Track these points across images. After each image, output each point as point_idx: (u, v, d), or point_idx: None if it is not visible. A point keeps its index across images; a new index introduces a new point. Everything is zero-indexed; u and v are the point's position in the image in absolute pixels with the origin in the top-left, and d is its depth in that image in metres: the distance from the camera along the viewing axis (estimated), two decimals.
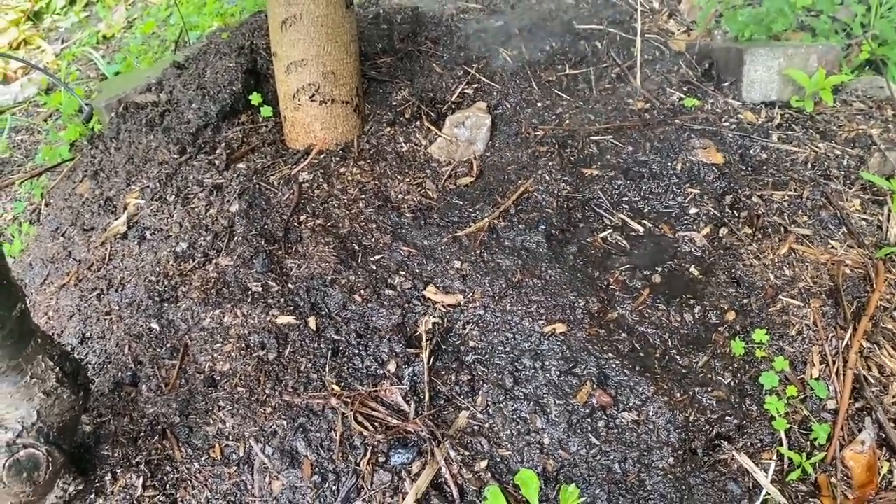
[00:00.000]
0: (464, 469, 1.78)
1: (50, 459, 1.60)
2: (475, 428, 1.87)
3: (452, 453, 1.80)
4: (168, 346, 2.08)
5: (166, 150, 2.67)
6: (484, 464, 1.80)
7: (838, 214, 2.37)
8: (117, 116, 3.01)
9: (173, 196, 2.48)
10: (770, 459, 1.86)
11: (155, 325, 2.12)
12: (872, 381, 1.99)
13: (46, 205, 3.19)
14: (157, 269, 2.26)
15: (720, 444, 1.87)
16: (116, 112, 3.03)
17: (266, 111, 2.78)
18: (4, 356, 1.49)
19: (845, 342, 2.05)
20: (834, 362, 2.02)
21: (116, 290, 2.28)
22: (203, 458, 1.85)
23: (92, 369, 2.11)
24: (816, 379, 1.98)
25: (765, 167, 2.53)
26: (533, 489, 1.69)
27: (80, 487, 1.83)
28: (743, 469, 1.83)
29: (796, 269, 2.24)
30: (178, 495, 1.81)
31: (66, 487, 1.80)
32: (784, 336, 2.07)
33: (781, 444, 1.87)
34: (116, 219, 2.56)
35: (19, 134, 4.31)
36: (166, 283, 2.20)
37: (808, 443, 1.90)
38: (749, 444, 1.88)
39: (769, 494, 1.79)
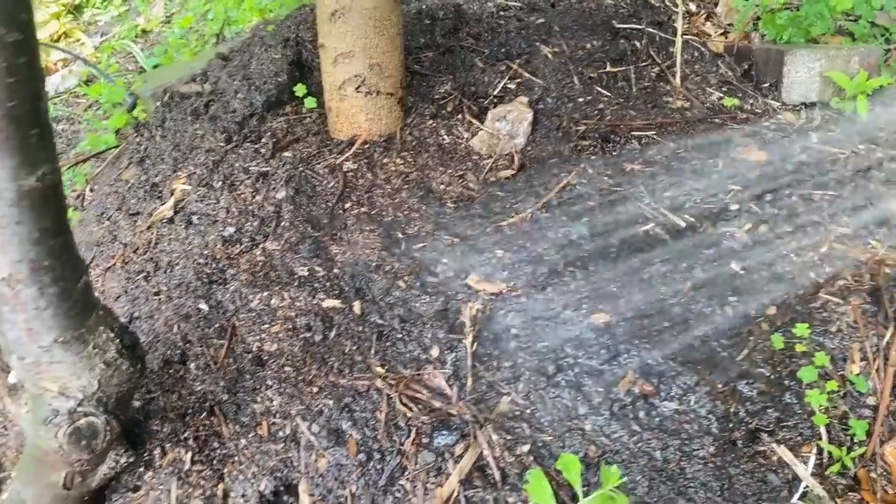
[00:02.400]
0: (506, 452, 1.81)
1: (108, 428, 1.64)
2: (517, 413, 1.90)
3: (495, 437, 1.83)
4: (216, 326, 2.12)
5: (213, 138, 2.73)
6: (526, 448, 1.82)
7: (878, 214, 2.38)
8: (163, 105, 3.07)
9: (220, 182, 2.53)
10: (810, 453, 1.87)
11: (203, 306, 2.17)
12: None
13: (91, 191, 3.25)
14: (205, 252, 2.31)
15: (760, 435, 1.88)
16: (162, 101, 3.09)
17: (310, 102, 2.83)
18: (69, 326, 1.54)
19: (886, 339, 2.06)
20: (875, 359, 2.03)
21: (164, 272, 2.33)
22: (250, 435, 1.89)
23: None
24: (857, 374, 1.99)
25: (805, 167, 2.54)
26: (575, 472, 1.71)
27: (131, 460, 1.88)
28: (783, 461, 1.84)
29: (837, 267, 2.25)
30: (224, 470, 1.85)
31: (118, 459, 1.85)
32: (824, 332, 2.08)
33: (821, 438, 1.88)
34: (163, 204, 2.62)
35: (60, 123, 4.40)
36: (214, 265, 2.25)
37: (848, 437, 1.91)
38: (789, 436, 1.89)
39: (809, 487, 1.81)
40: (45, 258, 1.42)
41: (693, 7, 3.69)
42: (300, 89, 2.84)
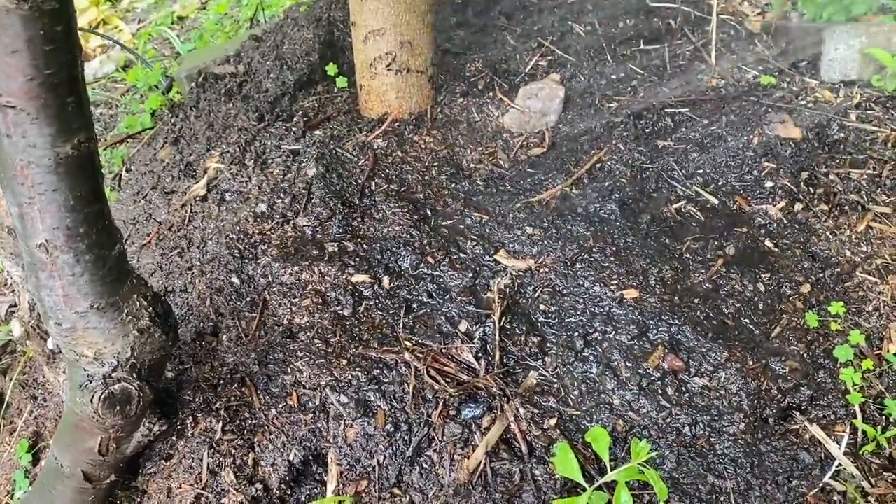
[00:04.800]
0: (532, 426, 1.81)
1: (141, 395, 1.67)
2: (544, 387, 1.90)
3: (522, 410, 1.83)
4: (248, 299, 2.15)
5: (245, 118, 2.76)
6: (553, 421, 1.82)
7: None
8: (197, 86, 3.10)
9: (252, 161, 2.55)
10: (843, 432, 1.84)
11: (235, 280, 2.20)
12: None
13: (127, 170, 3.31)
14: (237, 228, 2.33)
15: (792, 413, 1.86)
16: (196, 82, 3.12)
17: (341, 81, 2.84)
18: (104, 293, 1.57)
19: None
20: None
21: (198, 248, 2.37)
22: (280, 406, 1.91)
23: None
24: (894, 354, 1.95)
25: (842, 145, 2.49)
26: (604, 445, 1.70)
27: (164, 428, 1.91)
28: (815, 439, 1.82)
29: (874, 246, 2.20)
30: (255, 440, 1.88)
31: (151, 427, 1.89)
32: (860, 311, 2.05)
33: (855, 417, 1.85)
34: (196, 182, 2.66)
35: (98, 108, 4.47)
36: (246, 241, 2.28)
37: (883, 417, 1.88)
38: (822, 415, 1.86)
39: (842, 465, 1.78)
40: (80, 225, 1.45)
41: None
42: (331, 68, 2.85)
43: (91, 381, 1.62)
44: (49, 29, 1.25)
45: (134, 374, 1.67)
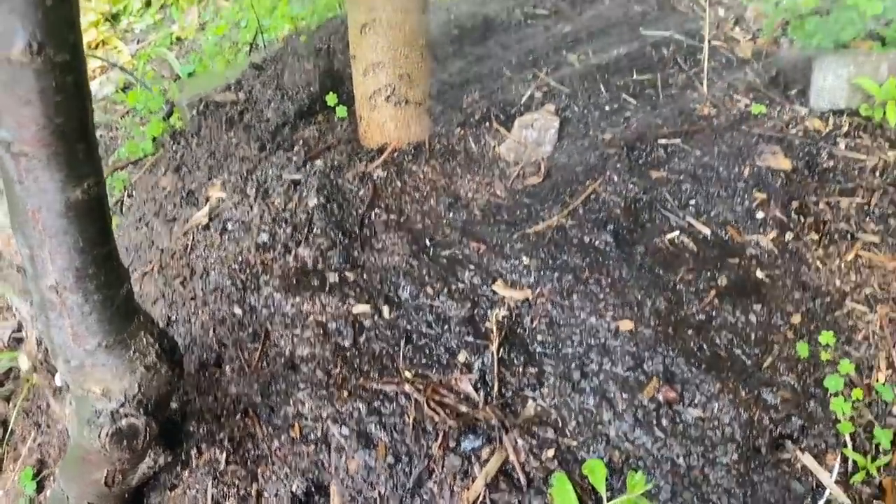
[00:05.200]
0: (531, 457, 1.85)
1: (147, 429, 1.71)
2: (542, 418, 1.94)
3: (520, 441, 1.87)
4: (250, 330, 2.19)
5: (247, 147, 2.80)
6: (551, 452, 1.86)
7: None
8: (198, 114, 3.15)
9: (254, 190, 2.60)
10: (834, 461, 1.88)
11: (238, 311, 2.24)
12: None
13: (129, 196, 3.35)
14: (239, 258, 2.37)
15: (784, 443, 1.90)
16: (197, 110, 3.17)
17: (341, 111, 2.90)
18: (112, 331, 1.60)
19: None
20: None
21: (200, 277, 2.41)
22: (283, 437, 1.95)
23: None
24: (883, 383, 2.00)
25: (832, 174, 2.55)
26: (600, 477, 1.75)
27: (169, 459, 1.95)
28: (807, 469, 1.86)
29: (863, 275, 2.25)
30: (258, 470, 1.92)
31: (156, 459, 1.92)
32: (850, 340, 2.09)
33: (846, 446, 1.89)
34: (198, 210, 2.70)
35: (98, 130, 4.49)
36: (248, 271, 2.32)
37: (873, 446, 1.92)
38: (813, 444, 1.90)
39: (833, 495, 1.82)
40: (89, 266, 1.49)
41: (722, 13, 3.69)
42: (331, 98, 2.90)
43: (99, 417, 1.65)
44: (61, 80, 1.29)
45: (141, 410, 1.70)
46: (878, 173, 2.55)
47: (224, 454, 1.95)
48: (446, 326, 2.12)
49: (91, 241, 1.48)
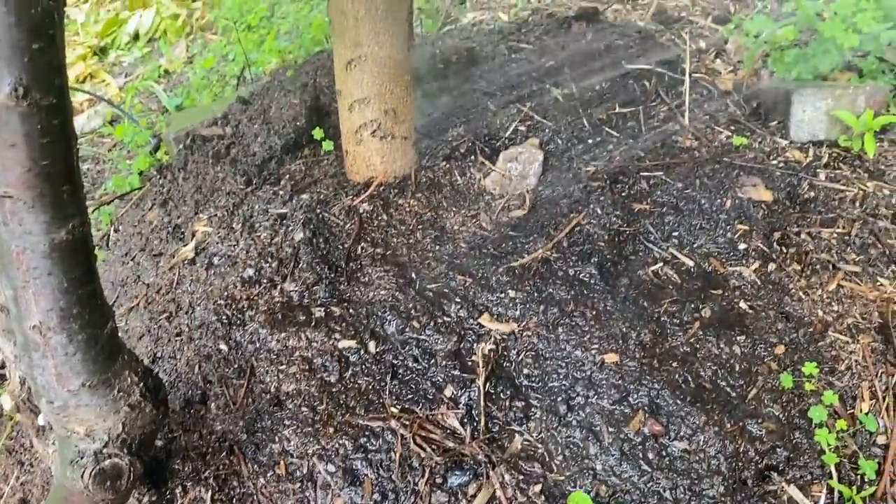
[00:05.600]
0: (518, 492, 1.84)
1: (132, 469, 1.70)
2: (529, 453, 1.94)
3: (507, 476, 1.87)
4: (236, 366, 2.18)
5: (233, 181, 2.82)
6: (538, 487, 1.86)
7: (887, 252, 2.41)
8: (185, 148, 3.17)
9: (240, 224, 2.60)
10: (820, 492, 1.89)
11: (223, 347, 2.24)
12: None
13: (115, 230, 3.35)
14: (225, 293, 2.37)
15: (770, 475, 1.91)
16: (184, 144, 3.19)
17: (327, 145, 2.92)
18: (96, 371, 1.60)
19: (895, 378, 2.08)
20: (884, 398, 2.05)
21: (186, 313, 2.40)
22: (268, 474, 1.94)
23: None
24: (866, 413, 2.01)
25: (813, 205, 2.58)
26: None
27: (153, 499, 1.93)
28: (793, 501, 1.86)
29: (845, 306, 2.28)
30: None
31: (141, 498, 1.91)
32: (833, 371, 2.11)
33: (831, 477, 1.90)
34: (185, 245, 2.70)
35: (85, 163, 4.52)
36: (234, 306, 2.32)
37: (858, 477, 1.93)
38: (799, 475, 1.91)
39: None
40: (74, 306, 1.49)
41: (703, 45, 3.76)
42: (318, 133, 2.93)
43: (82, 458, 1.64)
44: (46, 123, 1.30)
45: (125, 450, 1.69)
46: (857, 204, 2.59)
47: (209, 493, 1.93)
48: (432, 360, 2.13)
49: (75, 280, 1.48)
